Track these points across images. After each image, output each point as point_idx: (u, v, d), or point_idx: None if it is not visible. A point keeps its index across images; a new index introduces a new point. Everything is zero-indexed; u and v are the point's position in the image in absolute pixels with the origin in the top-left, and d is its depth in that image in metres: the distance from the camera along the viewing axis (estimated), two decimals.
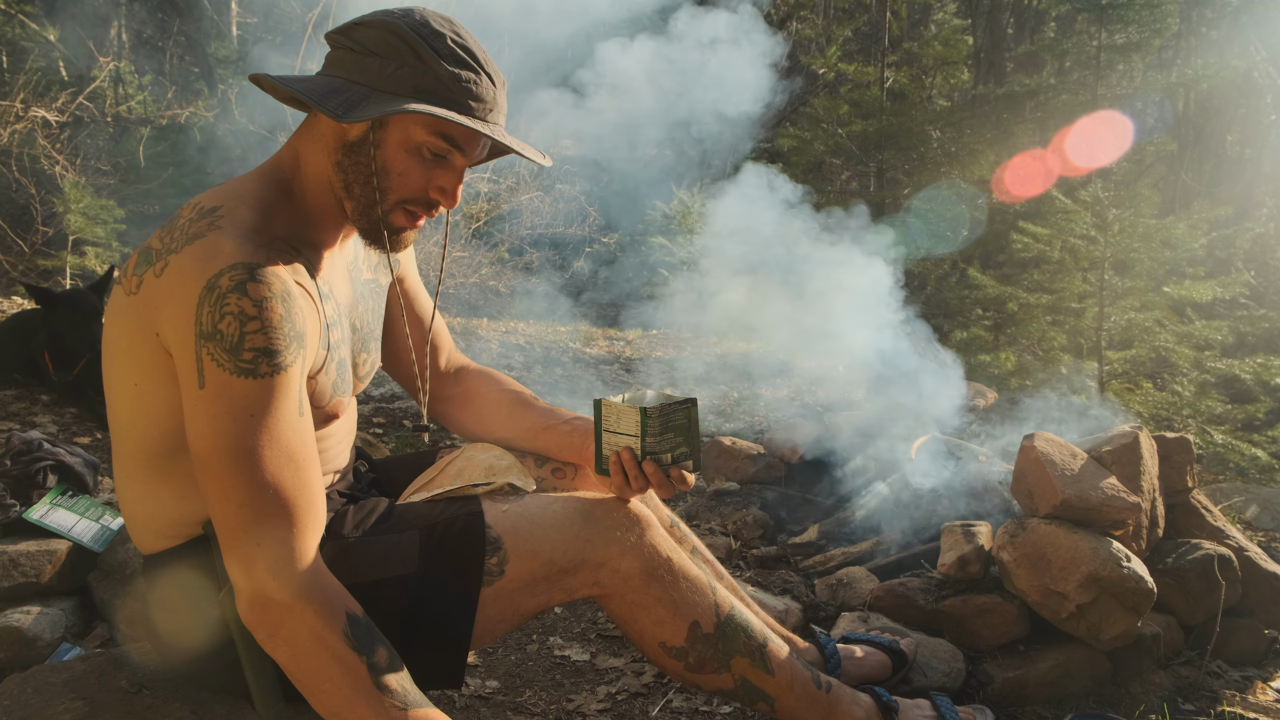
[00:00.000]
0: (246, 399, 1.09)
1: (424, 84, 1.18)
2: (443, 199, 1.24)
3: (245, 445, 1.09)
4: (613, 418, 1.38)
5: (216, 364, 1.09)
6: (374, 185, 1.21)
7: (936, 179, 5.46)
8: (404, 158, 1.21)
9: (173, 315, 1.10)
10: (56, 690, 1.29)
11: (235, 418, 1.09)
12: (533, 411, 1.61)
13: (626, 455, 1.37)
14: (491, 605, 1.32)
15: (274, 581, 1.09)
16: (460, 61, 1.20)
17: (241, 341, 1.08)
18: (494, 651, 2.14)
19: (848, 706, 1.51)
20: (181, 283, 1.10)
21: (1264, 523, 3.11)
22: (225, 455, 1.09)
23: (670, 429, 1.37)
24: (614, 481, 1.39)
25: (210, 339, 1.08)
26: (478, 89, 1.20)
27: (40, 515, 2.12)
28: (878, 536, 2.47)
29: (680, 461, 1.39)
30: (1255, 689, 2.02)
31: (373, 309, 1.45)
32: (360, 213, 1.24)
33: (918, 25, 11.33)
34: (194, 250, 1.11)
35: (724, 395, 4.67)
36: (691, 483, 1.39)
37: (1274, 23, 9.25)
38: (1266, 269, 7.14)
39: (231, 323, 1.08)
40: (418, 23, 1.20)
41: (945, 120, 5.72)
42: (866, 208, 4.60)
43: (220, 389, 1.09)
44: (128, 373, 1.18)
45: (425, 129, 1.19)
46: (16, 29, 8.04)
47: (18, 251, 6.40)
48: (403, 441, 3.64)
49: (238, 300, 1.08)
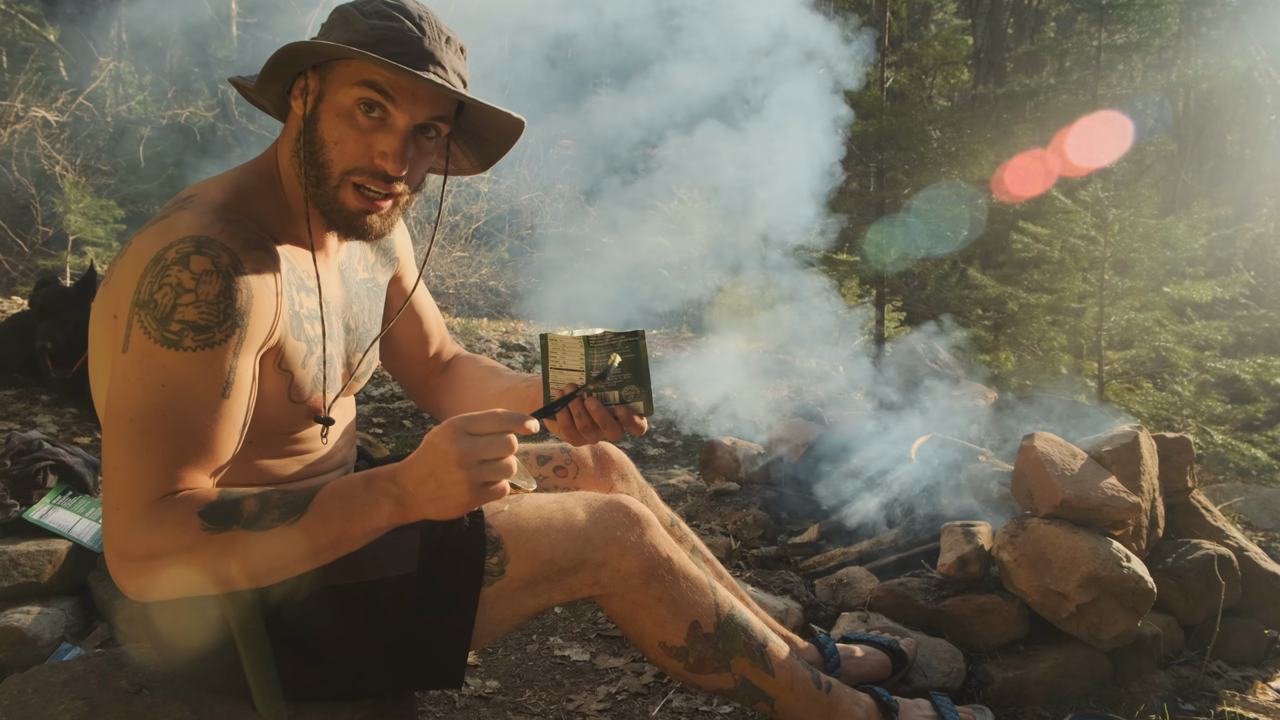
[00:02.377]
0: (163, 369, 1.08)
1: (344, 38, 1.17)
2: (386, 163, 1.18)
3: (145, 413, 1.08)
4: (559, 353, 1.29)
5: (144, 330, 1.08)
6: (318, 161, 1.20)
7: (936, 179, 5.45)
8: (337, 124, 1.18)
9: (124, 290, 1.11)
10: (56, 690, 1.29)
11: (147, 385, 1.08)
12: (500, 379, 1.60)
13: (570, 392, 1.26)
14: (492, 605, 1.32)
15: (125, 541, 1.07)
16: (383, 15, 1.18)
17: (172, 312, 1.08)
18: (494, 651, 2.14)
19: (848, 706, 1.51)
20: (135, 258, 1.11)
21: (1264, 523, 3.11)
22: (123, 418, 1.08)
23: (617, 363, 1.26)
24: (560, 421, 1.31)
25: (144, 306, 1.08)
26: (400, 34, 1.17)
27: (40, 515, 2.12)
28: (878, 536, 2.47)
29: (629, 401, 1.29)
30: (1255, 689, 2.02)
31: (369, 309, 1.45)
32: (314, 197, 1.22)
33: (918, 25, 11.32)
34: (155, 229, 1.13)
35: (724, 395, 4.67)
36: (644, 427, 1.29)
37: (1274, 23, 9.25)
38: (1266, 269, 7.14)
39: (167, 293, 1.08)
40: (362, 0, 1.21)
41: (945, 120, 5.71)
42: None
43: (140, 355, 1.08)
44: (105, 365, 1.17)
45: (349, 84, 1.17)
46: (16, 29, 8.04)
47: (18, 251, 6.40)
48: (402, 441, 3.64)
49: (178, 272, 1.08)
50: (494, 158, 1.41)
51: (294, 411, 1.27)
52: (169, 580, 1.09)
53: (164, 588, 1.10)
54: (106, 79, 7.84)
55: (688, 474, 3.44)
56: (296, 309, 1.24)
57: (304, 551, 1.10)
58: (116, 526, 1.08)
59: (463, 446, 1.05)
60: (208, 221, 1.13)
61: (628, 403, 1.30)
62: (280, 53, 1.17)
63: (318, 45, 1.15)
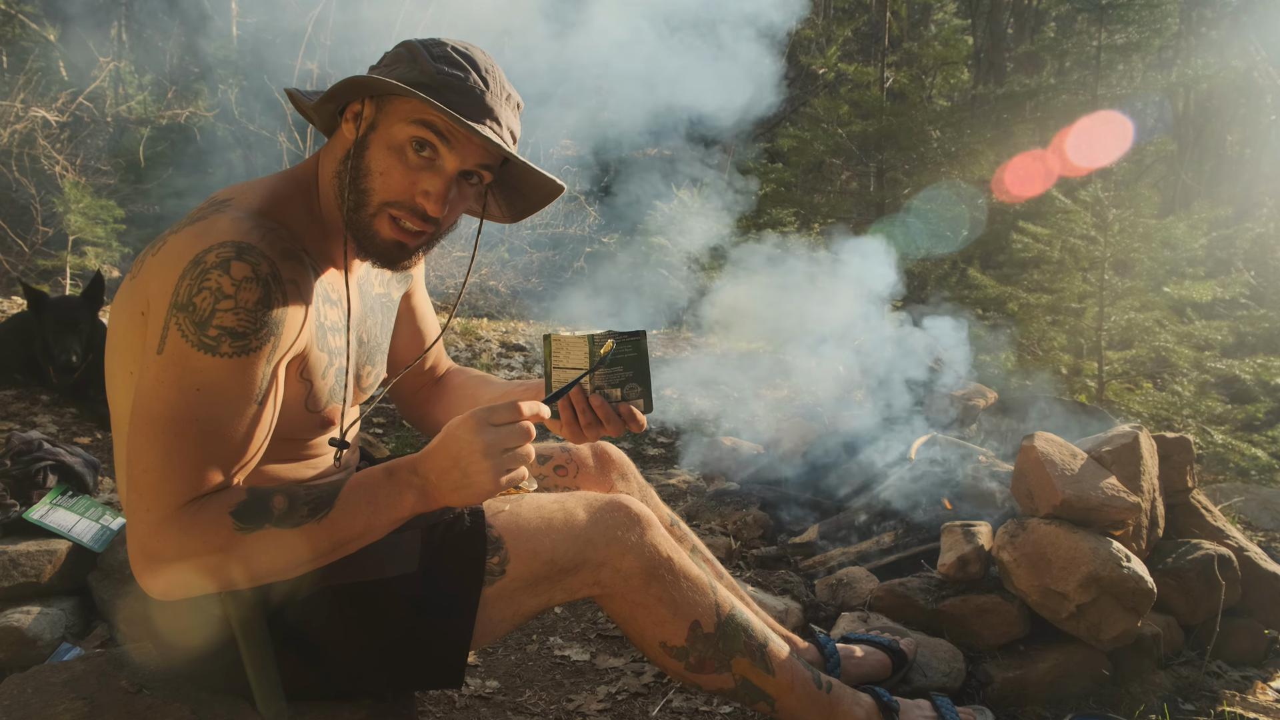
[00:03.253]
0: (199, 373, 1.08)
1: (408, 77, 1.19)
2: (427, 203, 1.20)
3: (179, 416, 1.08)
4: (561, 353, 1.34)
5: (181, 334, 1.08)
6: (360, 187, 1.21)
7: (936, 179, 5.45)
8: (386, 156, 1.20)
9: (158, 288, 1.11)
10: (56, 690, 1.29)
11: (181, 389, 1.08)
12: (493, 386, 1.62)
13: (575, 391, 1.32)
14: (492, 605, 1.32)
15: (156, 543, 1.07)
16: (452, 62, 1.20)
17: (211, 317, 1.08)
18: (494, 651, 2.14)
19: (848, 707, 1.51)
20: (172, 258, 1.11)
21: (1264, 523, 3.11)
22: (155, 421, 1.08)
23: (619, 361, 1.33)
24: (562, 419, 1.34)
25: (183, 310, 1.08)
26: (464, 84, 1.19)
27: (40, 515, 2.12)
28: (877, 536, 2.47)
29: (631, 399, 1.35)
30: (1255, 689, 2.02)
31: (381, 323, 1.46)
32: (350, 221, 1.23)
33: (918, 25, 11.32)
34: (193, 229, 1.12)
35: (724, 395, 4.67)
36: (643, 423, 1.33)
37: (1274, 23, 9.24)
38: (1266, 269, 7.14)
39: (207, 297, 1.08)
40: (431, 40, 1.22)
41: (945, 120, 5.71)
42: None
43: (176, 358, 1.08)
44: (124, 361, 1.17)
45: (406, 121, 1.19)
46: (16, 29, 8.04)
47: (18, 251, 6.41)
48: (402, 441, 3.65)
49: (219, 277, 1.08)
50: (527, 212, 1.42)
51: (309, 420, 1.28)
52: (197, 579, 1.10)
53: (192, 586, 1.10)
54: (106, 79, 7.84)
55: (688, 474, 3.44)
56: (322, 320, 1.25)
57: (331, 545, 1.13)
58: (146, 528, 1.08)
59: (487, 437, 1.10)
60: (247, 228, 1.13)
61: (629, 400, 1.35)
62: (348, 82, 1.18)
63: (387, 83, 1.15)
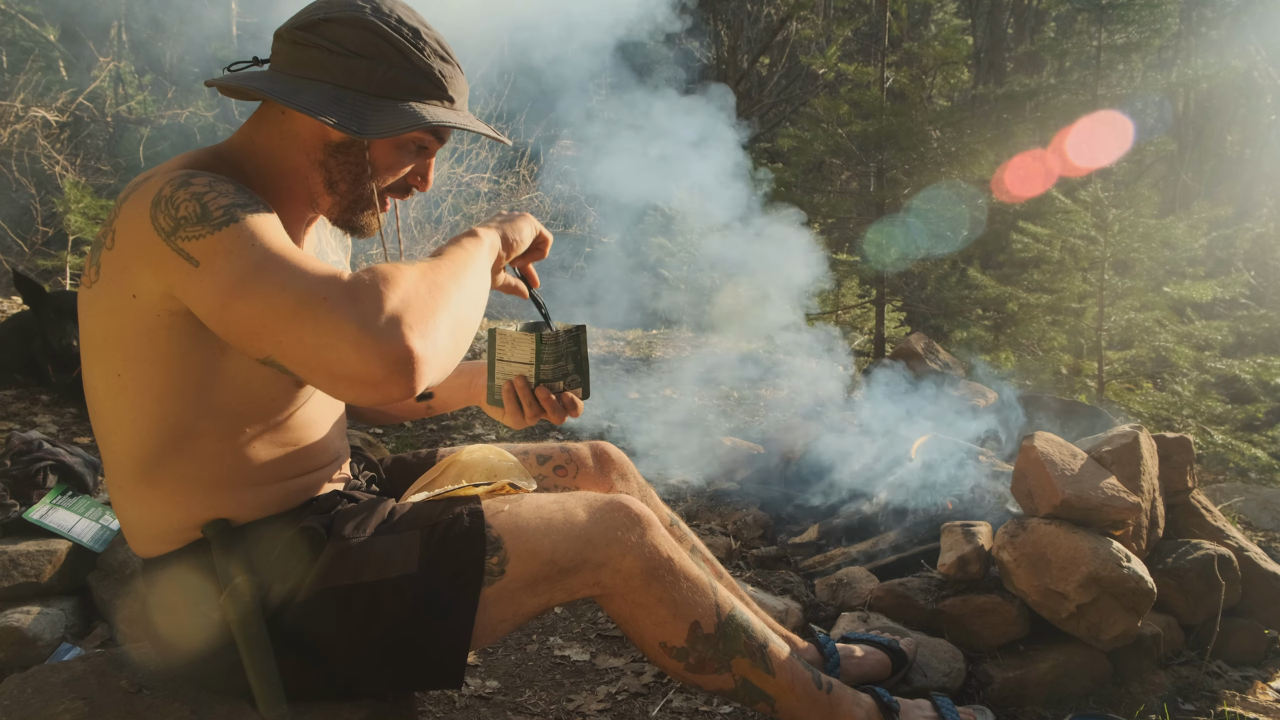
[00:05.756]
0: (238, 238, 1.06)
1: (415, 84, 1.23)
2: (418, 185, 1.34)
3: (260, 260, 1.04)
4: (506, 347, 1.41)
5: (196, 239, 1.06)
6: (364, 181, 1.27)
7: (936, 179, 5.45)
8: (393, 153, 1.28)
9: (140, 250, 1.09)
10: (56, 690, 1.29)
11: (239, 253, 1.05)
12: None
13: (520, 383, 1.39)
14: (492, 605, 1.32)
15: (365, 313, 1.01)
16: (441, 57, 1.26)
17: (206, 208, 1.07)
18: (494, 651, 2.14)
19: (848, 707, 1.51)
20: (133, 222, 1.10)
21: (1264, 523, 3.11)
22: (251, 280, 1.03)
23: (563, 356, 1.40)
24: (507, 409, 1.41)
25: (178, 228, 1.07)
26: (459, 83, 1.29)
27: (40, 515, 2.12)
28: (877, 536, 2.47)
29: (572, 388, 1.42)
30: (1255, 689, 2.02)
31: None
32: (343, 206, 1.29)
33: (918, 25, 11.33)
34: (136, 193, 1.12)
35: (724, 395, 4.67)
36: (581, 409, 1.42)
37: (1274, 23, 9.25)
38: (1266, 269, 7.15)
39: (188, 205, 1.07)
40: (392, 19, 1.23)
41: (945, 120, 5.71)
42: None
43: (212, 250, 1.06)
44: (109, 365, 1.16)
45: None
46: (16, 29, 8.04)
47: (18, 251, 6.41)
48: (403, 441, 3.65)
49: (185, 192, 1.08)
50: None
51: (280, 381, 1.24)
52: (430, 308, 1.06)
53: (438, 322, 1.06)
54: (106, 79, 7.84)
55: (688, 474, 3.44)
56: None
57: (482, 264, 1.22)
58: (350, 318, 1.00)
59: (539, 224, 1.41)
60: (187, 165, 1.16)
61: (570, 389, 1.42)
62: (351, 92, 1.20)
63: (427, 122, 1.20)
